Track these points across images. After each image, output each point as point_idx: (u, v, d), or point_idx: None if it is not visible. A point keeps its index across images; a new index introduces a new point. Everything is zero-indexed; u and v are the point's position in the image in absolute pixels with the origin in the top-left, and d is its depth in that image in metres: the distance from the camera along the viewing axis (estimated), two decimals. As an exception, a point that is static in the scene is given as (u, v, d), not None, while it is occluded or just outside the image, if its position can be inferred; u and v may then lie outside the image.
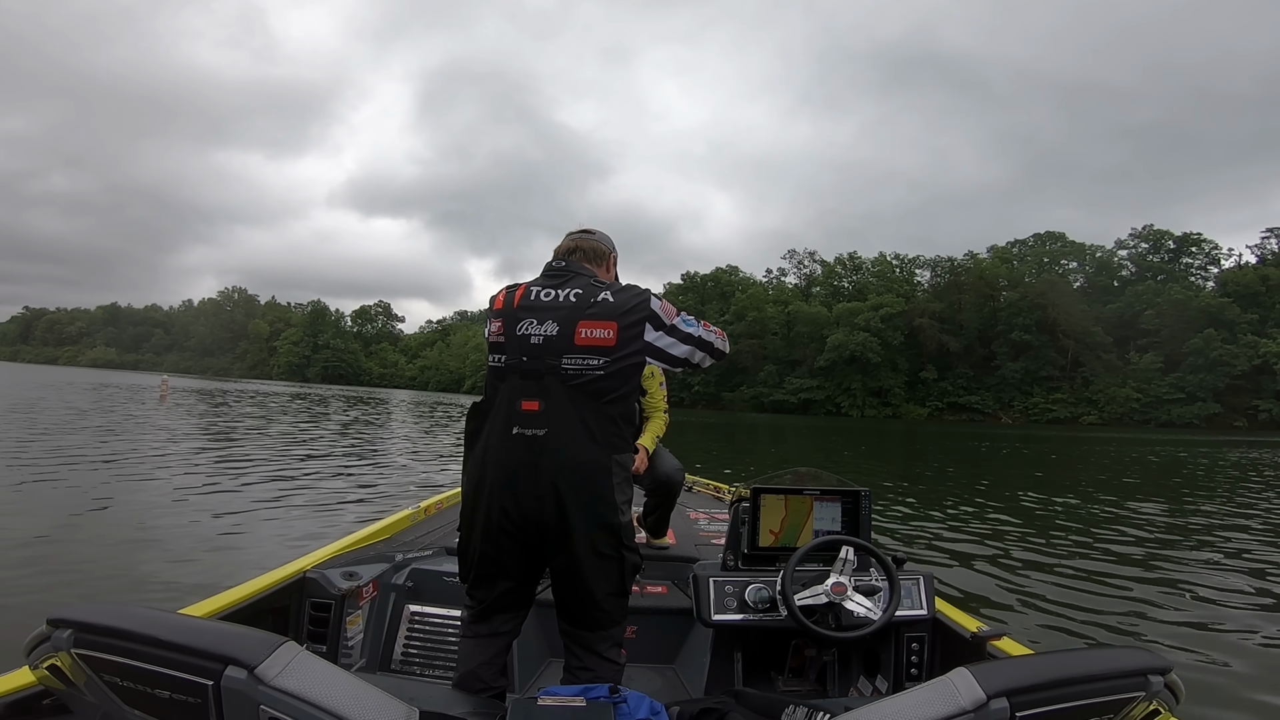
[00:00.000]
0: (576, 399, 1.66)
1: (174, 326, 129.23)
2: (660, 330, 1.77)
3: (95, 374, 65.44)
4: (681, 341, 1.81)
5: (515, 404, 1.67)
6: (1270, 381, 55.94)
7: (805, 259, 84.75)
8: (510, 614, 1.81)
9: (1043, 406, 64.25)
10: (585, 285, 1.75)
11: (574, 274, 1.81)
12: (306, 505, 7.00)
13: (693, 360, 1.87)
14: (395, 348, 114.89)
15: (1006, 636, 2.10)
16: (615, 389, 1.70)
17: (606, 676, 1.70)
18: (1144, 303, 64.17)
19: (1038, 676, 1.04)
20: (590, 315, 1.69)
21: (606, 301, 1.71)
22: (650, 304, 1.76)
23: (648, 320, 1.74)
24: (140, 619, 1.02)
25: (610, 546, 1.68)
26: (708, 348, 1.89)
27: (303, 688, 0.97)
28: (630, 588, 1.79)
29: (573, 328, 1.68)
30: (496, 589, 1.77)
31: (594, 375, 1.67)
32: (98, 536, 5.26)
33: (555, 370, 1.66)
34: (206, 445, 11.92)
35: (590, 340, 1.67)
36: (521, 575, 1.76)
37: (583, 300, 1.71)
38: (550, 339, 1.68)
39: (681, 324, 1.82)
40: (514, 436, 1.66)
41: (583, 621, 1.74)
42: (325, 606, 2.28)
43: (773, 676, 2.42)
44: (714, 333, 1.92)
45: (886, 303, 69.27)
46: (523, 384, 1.68)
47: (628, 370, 1.71)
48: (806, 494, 2.39)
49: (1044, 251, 75.69)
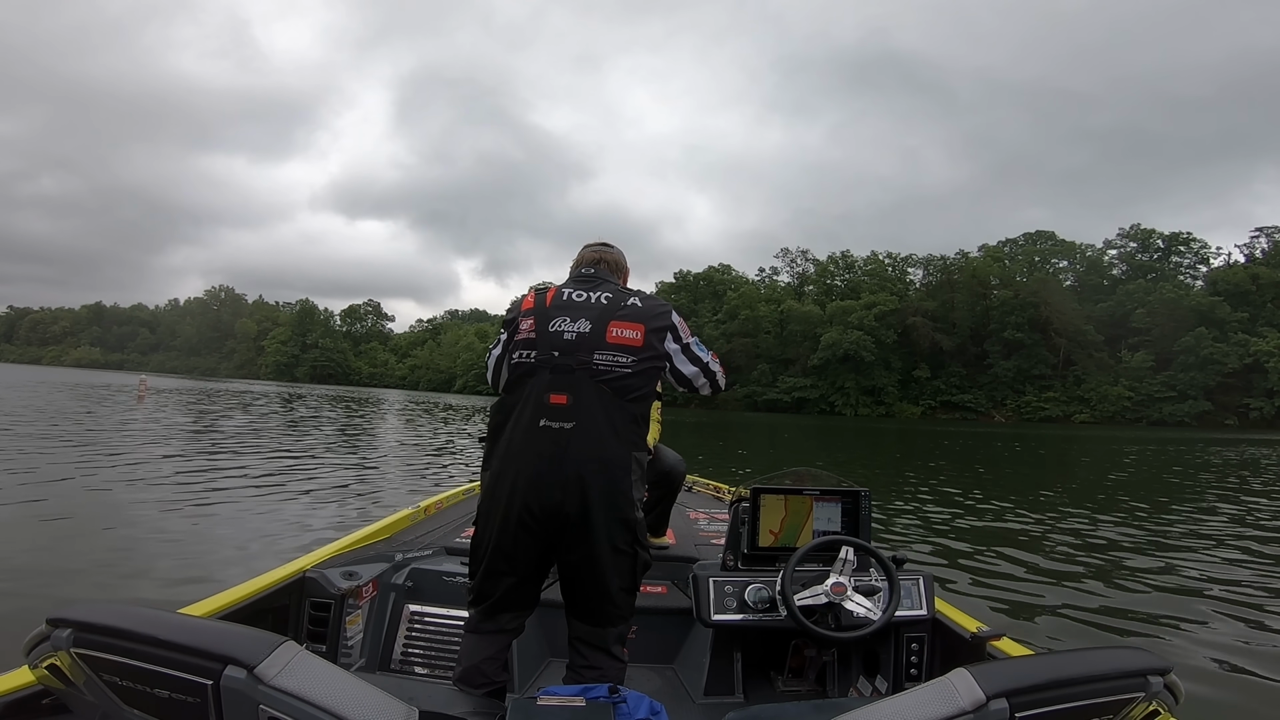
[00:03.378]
0: (604, 395, 1.73)
1: (160, 326, 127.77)
2: (677, 345, 1.90)
3: (76, 374, 64.64)
4: (691, 362, 1.94)
5: (544, 398, 1.73)
6: (1261, 379, 56.41)
7: (798, 257, 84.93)
8: (515, 612, 1.84)
9: (1035, 405, 64.62)
10: (614, 290, 1.89)
11: (602, 280, 1.94)
12: (305, 505, 6.97)
13: (695, 383, 1.99)
14: (385, 347, 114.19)
15: (1006, 637, 2.10)
16: (639, 387, 1.79)
17: (612, 675, 1.72)
18: (1135, 301, 64.63)
19: (1037, 677, 1.04)
20: (621, 316, 1.81)
21: (636, 306, 1.85)
22: (672, 316, 1.91)
23: (669, 330, 1.88)
24: (139, 618, 1.01)
25: (626, 542, 1.73)
26: (711, 377, 2.01)
27: (302, 687, 0.97)
28: (640, 584, 1.83)
29: (605, 326, 1.79)
30: (503, 584, 1.79)
31: (623, 372, 1.76)
32: (97, 537, 5.22)
33: (586, 365, 1.75)
34: (195, 446, 11.83)
35: (620, 339, 1.78)
36: (530, 571, 1.79)
37: (614, 303, 1.83)
38: (583, 335, 1.77)
39: (695, 346, 1.96)
40: (541, 429, 1.71)
41: (595, 617, 1.77)
42: (325, 606, 2.28)
43: (772, 677, 2.43)
44: (719, 366, 2.04)
45: (880, 301, 69.44)
46: (553, 378, 1.74)
47: (652, 371, 1.83)
48: (806, 494, 2.40)
49: (1035, 250, 76.06)
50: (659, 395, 2.65)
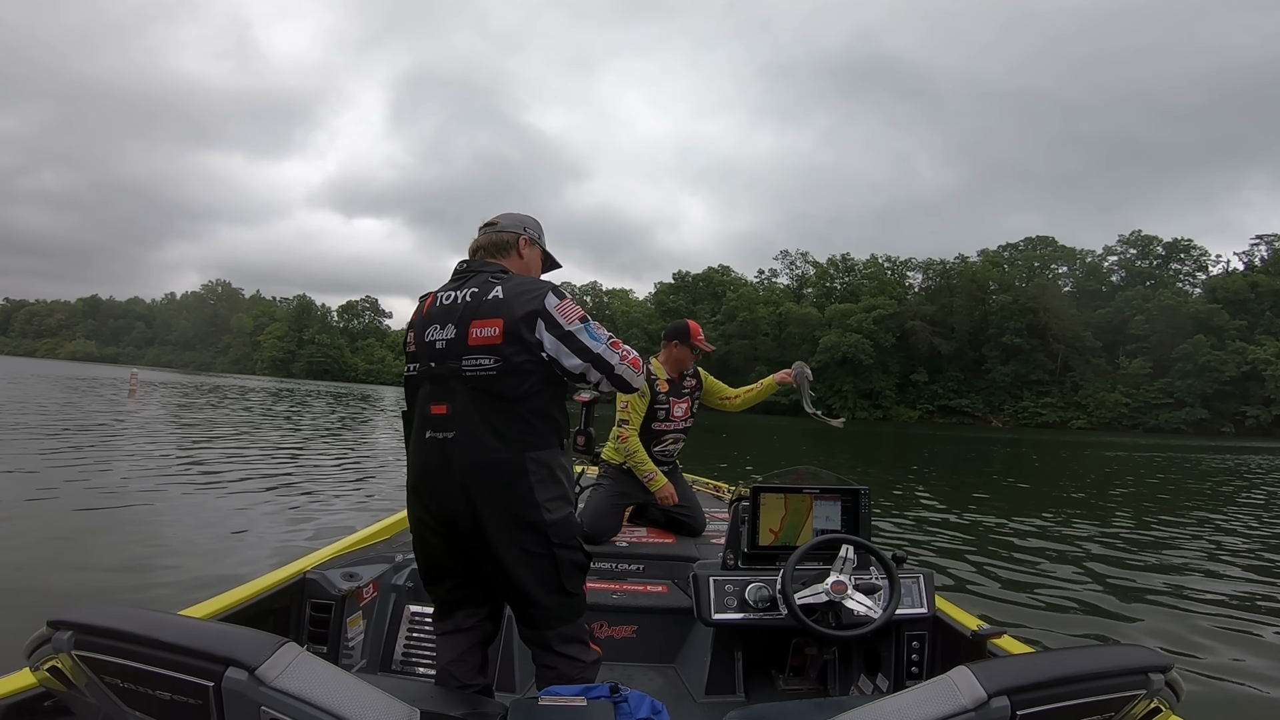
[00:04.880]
0: (479, 400, 1.64)
1: (156, 320, 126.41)
2: (554, 334, 1.66)
3: (70, 367, 64.44)
4: (575, 353, 1.68)
5: (427, 409, 1.69)
6: (1258, 388, 56.54)
7: (797, 259, 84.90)
8: (470, 609, 1.81)
9: (1032, 410, 64.68)
10: (482, 283, 1.72)
11: (475, 273, 1.78)
12: (305, 505, 6.95)
13: (589, 379, 1.73)
14: (382, 344, 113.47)
15: (1007, 635, 2.11)
16: (515, 387, 1.64)
17: (571, 675, 1.69)
18: (1133, 308, 64.72)
19: (1039, 675, 1.04)
20: (481, 314, 1.67)
21: (496, 299, 1.67)
22: (544, 301, 1.67)
23: (539, 317, 1.66)
24: (141, 620, 1.01)
25: (538, 545, 1.66)
26: (606, 370, 1.71)
27: (303, 689, 0.97)
28: (575, 586, 1.73)
29: (466, 328, 1.67)
30: (445, 585, 1.80)
31: (489, 374, 1.64)
32: (97, 538, 5.20)
33: (457, 373, 1.66)
34: (190, 443, 11.81)
35: (481, 339, 1.65)
36: (465, 572, 1.76)
37: (476, 299, 1.69)
38: (450, 342, 1.68)
39: (581, 333, 1.68)
40: (427, 440, 1.68)
41: (529, 620, 1.73)
42: (326, 607, 2.28)
43: (773, 675, 2.43)
44: (620, 356, 1.73)
45: (879, 305, 69.38)
46: (432, 389, 1.69)
47: (524, 366, 1.65)
48: (806, 493, 2.40)
49: (1034, 256, 76.11)
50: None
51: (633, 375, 1.77)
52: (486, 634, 1.85)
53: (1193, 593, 5.11)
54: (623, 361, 1.73)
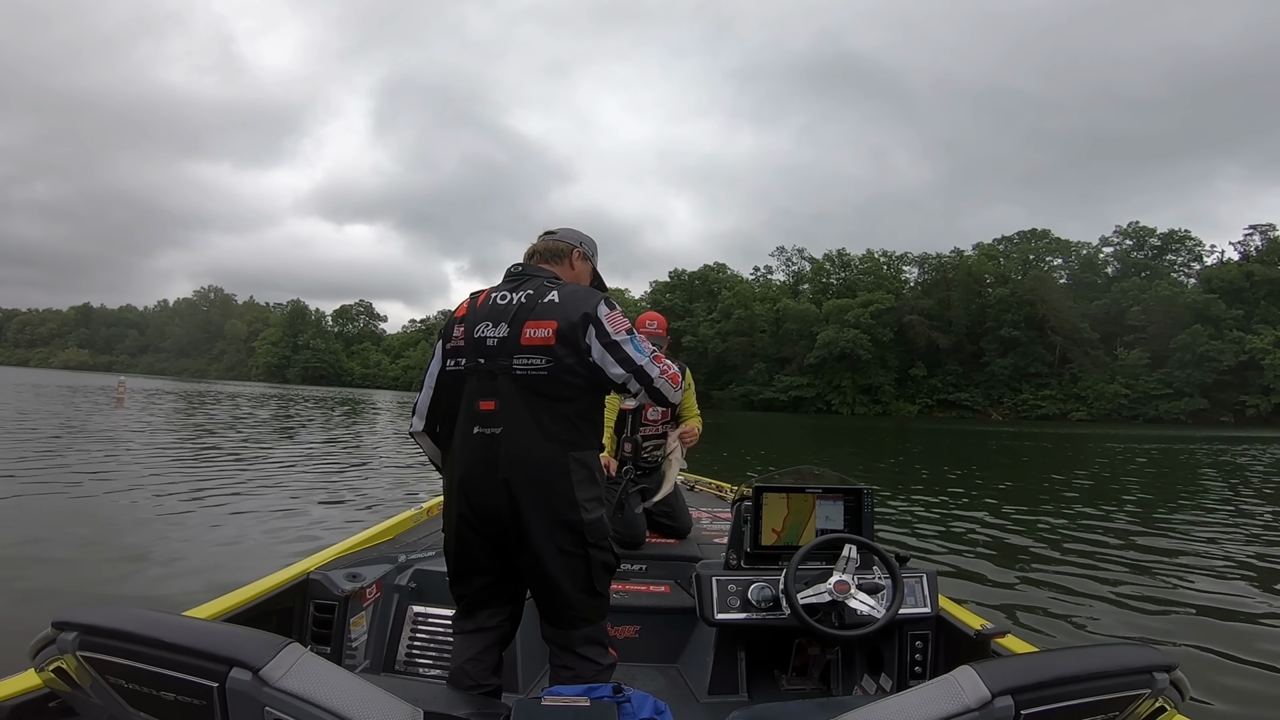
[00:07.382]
0: (528, 398, 1.70)
1: (149, 327, 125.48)
2: (602, 341, 1.72)
3: (61, 376, 64.18)
4: (619, 363, 1.73)
5: (474, 405, 1.72)
6: (1257, 377, 56.65)
7: (794, 255, 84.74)
8: (494, 609, 1.83)
9: (1032, 403, 64.77)
10: (537, 286, 1.79)
11: (530, 276, 1.84)
12: (307, 507, 6.95)
13: (629, 388, 1.77)
14: (378, 348, 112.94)
15: (1010, 634, 2.11)
16: (562, 388, 1.71)
17: (587, 676, 1.70)
18: (1130, 299, 64.75)
19: (1042, 674, 1.03)
20: (535, 315, 1.73)
21: (552, 302, 1.74)
22: (597, 309, 1.74)
23: (591, 324, 1.72)
24: (145, 621, 1.01)
25: (573, 544, 1.70)
26: (647, 382, 1.76)
27: (307, 689, 0.97)
28: (603, 587, 1.78)
29: (520, 328, 1.72)
30: (474, 583, 1.81)
31: (539, 374, 1.70)
32: (98, 539, 5.21)
33: (507, 370, 1.71)
34: (190, 448, 11.78)
35: (533, 340, 1.71)
36: (497, 570, 1.79)
37: (531, 301, 1.76)
38: (503, 340, 1.73)
39: (626, 344, 1.74)
40: (474, 435, 1.71)
41: (555, 619, 1.76)
42: (329, 608, 2.28)
43: (776, 675, 2.43)
44: (661, 370, 1.78)
45: (876, 299, 69.40)
46: (480, 385, 1.73)
47: (572, 370, 1.71)
48: (809, 492, 2.40)
49: (1029, 248, 76.12)
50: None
51: (670, 389, 1.82)
52: (505, 635, 1.87)
53: (1200, 591, 5.07)
54: (662, 375, 1.79)
